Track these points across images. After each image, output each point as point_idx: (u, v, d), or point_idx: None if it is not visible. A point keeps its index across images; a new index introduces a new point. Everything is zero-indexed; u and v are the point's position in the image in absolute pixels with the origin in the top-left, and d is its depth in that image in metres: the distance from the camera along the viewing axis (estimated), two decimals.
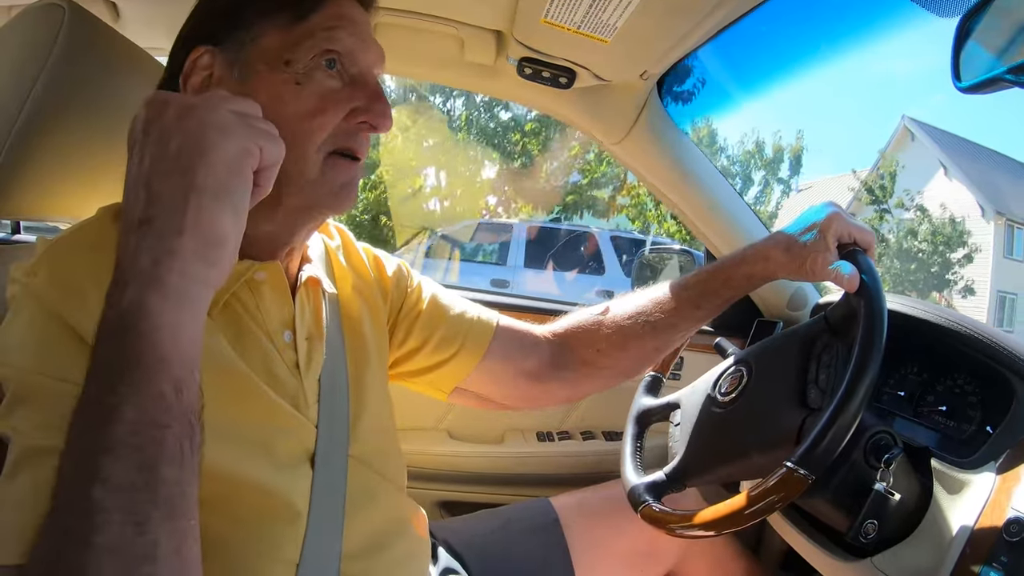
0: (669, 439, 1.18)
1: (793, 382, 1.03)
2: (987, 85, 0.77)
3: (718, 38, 1.24)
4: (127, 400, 0.48)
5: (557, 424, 1.95)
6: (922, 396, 1.28)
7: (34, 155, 0.88)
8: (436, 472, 1.83)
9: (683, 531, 0.99)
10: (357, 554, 0.86)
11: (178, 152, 0.52)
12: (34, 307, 0.66)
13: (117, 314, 0.50)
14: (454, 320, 1.13)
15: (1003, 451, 1.03)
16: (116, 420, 0.47)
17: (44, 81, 0.84)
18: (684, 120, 1.60)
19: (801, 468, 0.83)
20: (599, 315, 1.16)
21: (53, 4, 0.86)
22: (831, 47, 1.54)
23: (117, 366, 0.49)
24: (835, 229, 0.96)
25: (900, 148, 24.88)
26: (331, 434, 0.88)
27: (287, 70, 0.77)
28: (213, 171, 0.53)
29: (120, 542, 0.46)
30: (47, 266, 0.69)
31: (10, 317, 0.68)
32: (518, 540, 1.33)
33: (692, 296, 1.08)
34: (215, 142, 0.53)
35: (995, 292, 21.80)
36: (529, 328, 1.19)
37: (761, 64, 1.61)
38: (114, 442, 0.47)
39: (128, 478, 0.47)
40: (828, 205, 1.00)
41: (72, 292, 0.66)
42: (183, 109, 0.54)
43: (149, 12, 1.36)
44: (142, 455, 0.48)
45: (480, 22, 1.34)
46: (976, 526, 0.95)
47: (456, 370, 1.12)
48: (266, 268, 0.84)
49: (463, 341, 1.11)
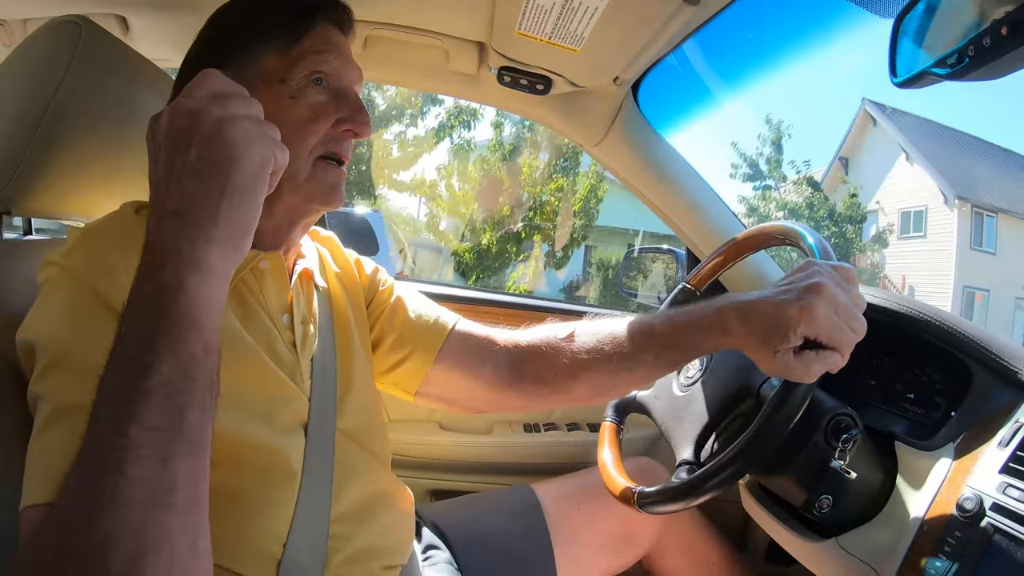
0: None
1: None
2: (918, 79, 0.81)
3: (687, 43, 1.31)
4: (163, 358, 0.56)
5: (544, 416, 2.00)
6: (891, 385, 1.32)
7: (53, 159, 0.96)
8: (428, 461, 1.88)
9: None
10: (344, 518, 0.94)
11: (213, 157, 0.61)
12: (71, 284, 0.76)
13: (156, 288, 0.58)
14: (411, 322, 1.18)
15: (960, 434, 1.08)
16: (153, 374, 0.55)
17: (63, 91, 0.92)
18: (661, 122, 1.66)
19: None
20: (562, 339, 1.13)
21: (71, 21, 0.95)
22: (798, 44, 1.60)
23: (156, 329, 0.57)
24: (804, 330, 0.81)
25: (862, 134, 23.50)
26: (322, 407, 0.97)
27: (282, 87, 0.88)
28: (243, 174, 0.62)
29: (149, 474, 0.54)
30: (84, 248, 0.79)
31: (44, 296, 0.78)
32: (500, 523, 1.39)
33: (655, 346, 1.00)
34: (245, 150, 0.62)
35: (960, 287, 19.70)
36: (489, 334, 1.20)
37: (732, 64, 1.66)
38: (149, 391, 0.55)
39: (160, 421, 0.55)
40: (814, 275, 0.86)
41: (106, 270, 0.76)
42: (218, 121, 0.62)
43: (156, 26, 1.44)
44: (172, 403, 0.56)
45: (462, 34, 1.43)
46: (932, 505, 1.00)
47: (412, 371, 1.17)
48: (269, 258, 0.95)
49: (416, 342, 1.16)
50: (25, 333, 0.76)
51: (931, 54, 0.77)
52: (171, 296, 0.58)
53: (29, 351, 0.75)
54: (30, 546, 0.59)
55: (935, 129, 22.53)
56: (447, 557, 1.26)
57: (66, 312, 0.75)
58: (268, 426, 0.88)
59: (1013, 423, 1.01)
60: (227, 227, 0.61)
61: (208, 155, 0.61)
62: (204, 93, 0.64)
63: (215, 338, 0.61)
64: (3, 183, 0.93)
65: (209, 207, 0.60)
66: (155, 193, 0.63)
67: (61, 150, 0.97)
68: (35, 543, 0.58)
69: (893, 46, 0.86)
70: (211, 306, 0.61)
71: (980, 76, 0.71)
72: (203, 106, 0.62)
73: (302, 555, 0.88)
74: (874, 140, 22.92)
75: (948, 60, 0.73)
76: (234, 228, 0.62)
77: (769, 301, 0.84)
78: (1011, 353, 1.10)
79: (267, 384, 0.90)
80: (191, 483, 0.57)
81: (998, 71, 0.68)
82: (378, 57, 1.50)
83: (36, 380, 0.72)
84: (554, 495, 1.45)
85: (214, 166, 0.61)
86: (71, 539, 0.53)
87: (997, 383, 1.09)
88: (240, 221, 0.63)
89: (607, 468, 1.23)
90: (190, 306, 0.58)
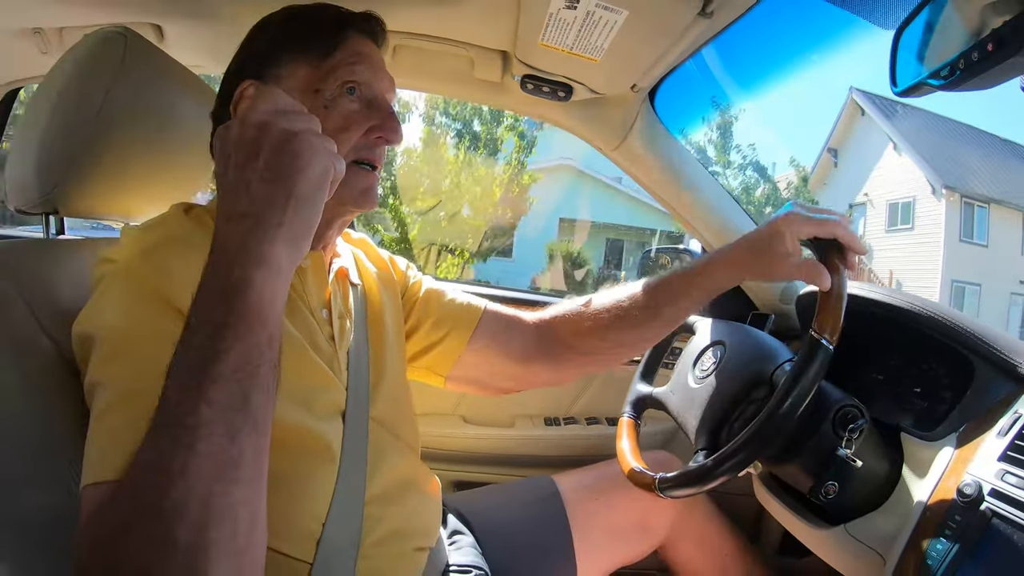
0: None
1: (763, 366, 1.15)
2: (916, 89, 0.85)
3: (700, 52, 1.36)
4: (233, 347, 0.61)
5: (564, 410, 2.05)
6: (899, 379, 1.36)
7: (99, 163, 1.02)
8: (452, 453, 1.94)
9: None
10: (377, 500, 1.00)
11: (281, 166, 0.67)
12: (129, 280, 0.81)
13: (225, 283, 0.63)
14: (446, 305, 1.27)
15: (962, 425, 1.12)
16: (223, 360, 0.60)
17: (110, 99, 0.98)
18: (676, 127, 1.70)
19: None
20: (582, 306, 1.25)
21: (117, 33, 1.00)
22: (808, 50, 1.64)
23: (226, 321, 0.62)
24: (793, 230, 1.03)
25: (851, 125, 22.91)
26: (357, 396, 1.03)
27: (317, 97, 0.95)
28: (307, 183, 0.68)
29: (217, 449, 0.59)
30: (140, 247, 0.84)
31: (102, 290, 0.83)
32: (521, 511, 1.44)
33: (668, 296, 1.17)
34: (310, 161, 0.68)
35: (949, 281, 19.25)
36: (516, 313, 1.30)
37: (746, 70, 1.70)
38: (220, 375, 0.60)
39: (229, 401, 0.60)
40: (788, 206, 1.08)
41: (161, 266, 0.81)
42: (285, 133, 0.68)
43: (191, 34, 1.49)
44: (240, 386, 0.61)
45: (487, 43, 1.48)
46: (935, 491, 1.04)
47: (448, 351, 1.25)
48: (310, 257, 1.02)
49: (453, 323, 1.25)
50: (83, 325, 0.81)
51: (927, 66, 0.81)
52: (240, 291, 0.63)
53: (87, 342, 0.79)
54: (95, 520, 0.64)
55: (925, 118, 21.71)
56: (471, 541, 1.31)
57: (124, 305, 0.79)
58: (310, 412, 0.94)
59: (1012, 414, 1.04)
60: (291, 229, 0.67)
61: (276, 164, 0.67)
62: (269, 108, 0.69)
63: (278, 330, 0.67)
64: (52, 185, 0.99)
65: (276, 211, 0.66)
66: (225, 197, 0.68)
67: (106, 154, 1.02)
68: (102, 516, 0.62)
69: (893, 58, 0.91)
70: (275, 301, 0.66)
71: (972, 87, 0.74)
72: (270, 119, 0.68)
73: (339, 534, 0.94)
74: (863, 130, 22.38)
75: (942, 72, 0.77)
76: (297, 230, 0.68)
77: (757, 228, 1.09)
78: (1011, 347, 1.14)
79: (310, 374, 0.96)
80: (254, 460, 0.62)
81: (988, 82, 0.72)
82: (406, 66, 1.55)
83: (96, 368, 0.77)
84: (573, 485, 1.50)
85: (281, 174, 0.66)
86: (140, 510, 0.57)
87: (997, 376, 1.13)
88: (303, 224, 0.68)
89: (626, 456, 1.27)
90: (257, 301, 0.63)
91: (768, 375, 1.13)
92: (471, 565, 1.22)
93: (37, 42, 1.54)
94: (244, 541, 0.61)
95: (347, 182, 0.95)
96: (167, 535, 0.56)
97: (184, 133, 1.14)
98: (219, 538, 0.58)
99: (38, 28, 1.51)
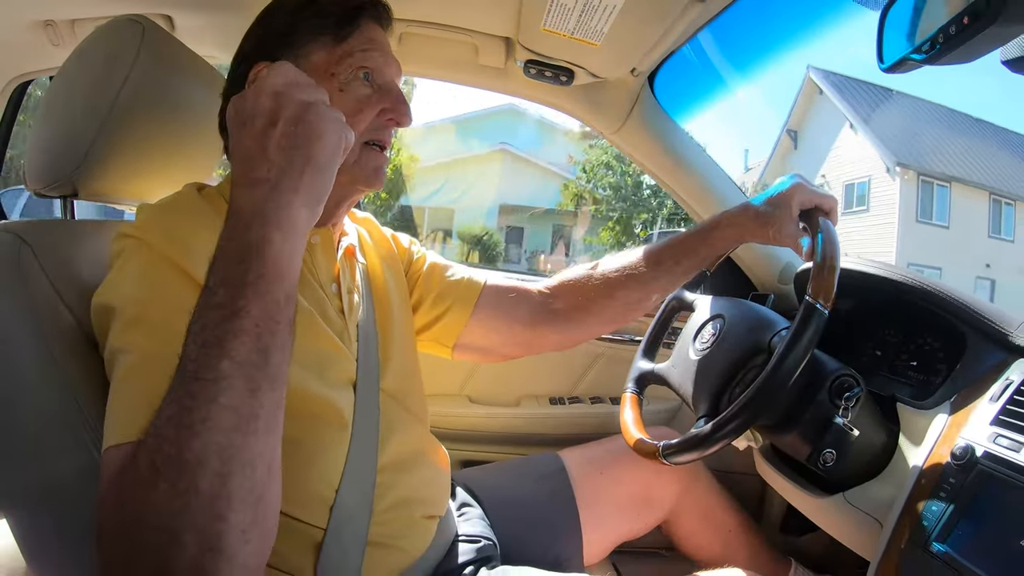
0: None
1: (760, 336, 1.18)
2: (901, 64, 0.88)
3: (700, 34, 1.40)
4: (253, 303, 0.64)
5: (568, 390, 2.08)
6: (897, 354, 1.40)
7: (117, 148, 1.04)
8: (459, 432, 1.97)
9: None
10: (388, 468, 1.04)
11: (297, 134, 0.70)
12: (147, 252, 0.84)
13: (244, 244, 0.66)
14: (448, 279, 1.32)
15: (956, 392, 1.16)
16: (244, 316, 0.63)
17: (129, 85, 1.01)
18: (676, 110, 1.73)
19: None
20: (588, 269, 1.30)
21: (134, 21, 1.03)
22: (801, 32, 1.66)
23: (245, 279, 0.64)
24: (798, 198, 1.09)
25: (808, 105, 22.56)
26: (367, 368, 1.07)
27: (332, 80, 0.98)
28: (324, 150, 0.71)
29: (238, 402, 0.62)
30: (157, 221, 0.88)
31: (120, 264, 0.86)
32: (528, 485, 1.47)
33: (673, 254, 1.23)
34: (326, 130, 0.71)
35: (904, 265, 16.70)
36: (518, 283, 1.34)
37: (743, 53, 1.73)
38: (241, 331, 0.63)
39: (249, 357, 0.63)
40: (793, 176, 1.13)
41: (178, 239, 0.84)
42: (301, 103, 0.71)
43: (201, 25, 1.53)
44: (260, 342, 0.64)
45: (491, 30, 1.52)
46: (929, 457, 1.07)
47: (452, 323, 1.29)
48: (320, 233, 1.06)
49: (455, 297, 1.29)
50: (103, 296, 0.84)
51: (910, 42, 0.84)
52: (259, 251, 0.66)
53: (106, 313, 0.83)
54: (118, 479, 0.66)
55: (884, 95, 21.37)
56: (480, 513, 1.34)
57: (144, 276, 0.83)
58: (322, 380, 0.97)
59: (1003, 380, 1.07)
60: (308, 193, 0.70)
61: (293, 132, 0.70)
62: (281, 80, 0.72)
63: (294, 289, 0.69)
64: (72, 168, 1.01)
65: (293, 176, 0.69)
66: (241, 163, 0.71)
67: (124, 140, 1.05)
68: (124, 475, 0.65)
69: (880, 36, 0.93)
70: (292, 259, 0.69)
71: (952, 60, 0.77)
72: (285, 90, 0.71)
73: (351, 500, 0.98)
74: (820, 110, 21.95)
75: (923, 47, 0.79)
76: (313, 194, 0.71)
77: (762, 194, 1.16)
78: (1001, 318, 1.17)
79: (320, 342, 1.00)
80: (273, 413, 0.66)
81: (967, 55, 0.74)
82: (412, 52, 1.59)
83: (116, 336, 0.80)
84: (578, 460, 1.53)
85: (298, 141, 0.69)
86: (164, 462, 0.60)
87: (989, 345, 1.16)
88: (319, 189, 0.72)
89: (629, 428, 1.29)
90: (276, 259, 0.66)
91: (766, 342, 1.15)
92: (480, 535, 1.25)
93: (49, 34, 1.57)
94: (261, 490, 0.64)
95: (360, 162, 1.00)
96: (190, 485, 0.59)
97: (196, 119, 1.17)
98: (239, 487, 0.61)
99: (50, 20, 1.54)
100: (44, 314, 0.87)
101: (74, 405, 0.84)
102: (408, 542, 1.07)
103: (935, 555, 0.93)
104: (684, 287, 1.44)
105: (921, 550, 0.95)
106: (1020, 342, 1.13)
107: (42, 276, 0.88)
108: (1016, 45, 0.75)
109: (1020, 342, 1.13)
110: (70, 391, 0.84)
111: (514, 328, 1.31)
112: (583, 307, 1.29)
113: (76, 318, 0.89)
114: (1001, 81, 37.27)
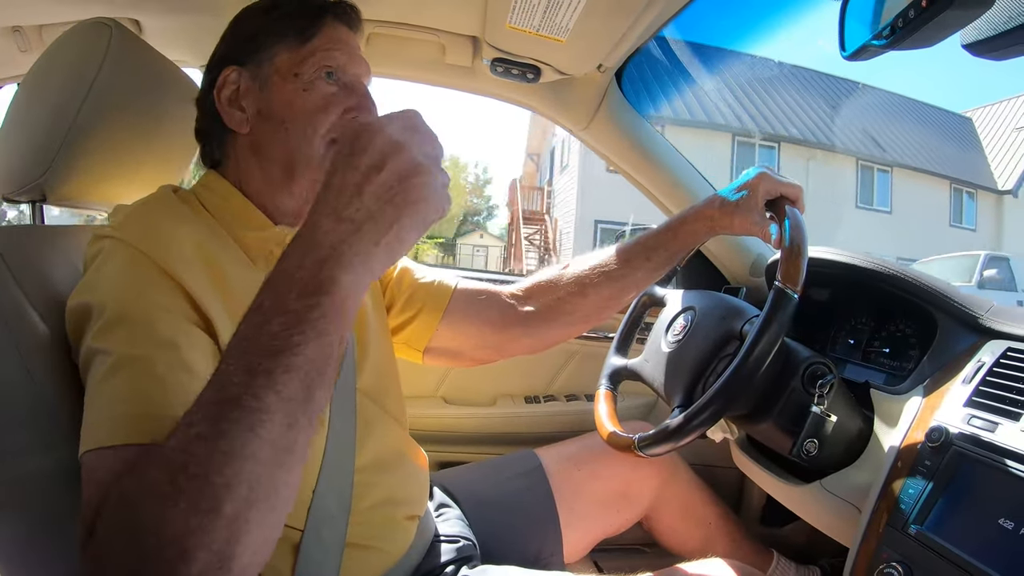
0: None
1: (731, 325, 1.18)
2: (862, 52, 0.88)
3: (665, 30, 1.41)
4: (310, 340, 0.62)
5: (543, 388, 2.08)
6: (869, 342, 1.42)
7: (85, 152, 1.03)
8: (434, 434, 1.96)
9: None
10: (366, 469, 1.04)
11: (399, 190, 0.67)
12: (128, 252, 0.83)
13: (312, 278, 0.63)
14: (419, 283, 1.31)
15: (929, 376, 1.17)
16: (300, 353, 0.61)
17: (96, 88, 0.99)
18: (644, 106, 1.74)
19: None
20: (560, 270, 1.30)
21: (103, 23, 1.02)
22: (767, 26, 1.68)
23: (306, 316, 0.62)
24: (763, 188, 1.12)
25: None
26: (343, 367, 1.06)
27: (296, 80, 0.98)
28: (417, 215, 0.68)
29: (276, 436, 0.60)
30: (135, 221, 0.87)
31: (98, 264, 0.84)
32: (505, 484, 1.47)
33: (644, 250, 1.24)
34: (428, 197, 0.68)
35: None
36: (489, 287, 1.33)
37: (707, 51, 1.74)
38: (292, 367, 0.61)
39: (295, 394, 0.61)
40: (758, 168, 1.15)
41: (158, 239, 0.83)
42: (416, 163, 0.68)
43: (169, 28, 1.50)
44: (308, 380, 0.62)
45: (457, 29, 1.52)
46: (904, 440, 1.08)
47: (422, 327, 1.29)
48: (291, 233, 1.02)
49: (424, 300, 1.28)
50: (80, 297, 0.82)
51: (871, 29, 0.85)
52: (326, 290, 0.63)
53: (83, 313, 0.81)
54: (119, 483, 0.64)
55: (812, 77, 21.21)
56: (458, 514, 1.34)
57: (125, 276, 0.81)
58: None
59: (975, 362, 1.09)
60: (388, 249, 0.67)
61: (396, 187, 0.67)
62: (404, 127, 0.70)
63: (349, 331, 0.68)
64: (40, 173, 1.00)
65: (380, 228, 0.66)
66: (334, 193, 0.68)
67: (92, 142, 1.03)
68: (132, 480, 0.62)
69: (841, 24, 0.94)
70: (354, 305, 0.67)
71: (912, 45, 0.77)
72: (405, 139, 0.69)
73: (330, 501, 0.97)
74: None
75: (883, 32, 0.80)
76: (392, 251, 0.68)
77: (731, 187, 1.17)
78: (971, 302, 1.19)
79: None
80: (304, 444, 0.64)
81: (926, 39, 0.74)
82: (380, 54, 1.58)
83: (96, 337, 0.78)
84: (555, 457, 1.53)
85: (397, 198, 0.67)
86: (189, 481, 0.58)
87: (960, 328, 1.18)
88: (399, 248, 0.69)
89: (603, 422, 1.30)
90: (341, 301, 0.64)
91: (738, 330, 1.15)
92: (459, 535, 1.24)
93: (17, 40, 1.53)
94: (281, 513, 0.64)
95: (326, 158, 0.98)
96: (213, 507, 0.57)
97: (166, 122, 1.16)
98: (262, 513, 0.60)
99: (17, 26, 1.51)
100: (12, 318, 0.85)
101: (45, 408, 0.82)
102: (388, 543, 1.07)
103: (913, 536, 0.93)
104: (655, 283, 1.45)
105: (899, 532, 0.96)
106: (991, 324, 1.14)
107: (11, 282, 0.86)
108: (975, 28, 0.75)
109: (991, 324, 1.14)
110: (42, 395, 0.83)
111: (484, 331, 1.31)
112: (556, 307, 1.29)
113: (46, 322, 0.87)
114: None
